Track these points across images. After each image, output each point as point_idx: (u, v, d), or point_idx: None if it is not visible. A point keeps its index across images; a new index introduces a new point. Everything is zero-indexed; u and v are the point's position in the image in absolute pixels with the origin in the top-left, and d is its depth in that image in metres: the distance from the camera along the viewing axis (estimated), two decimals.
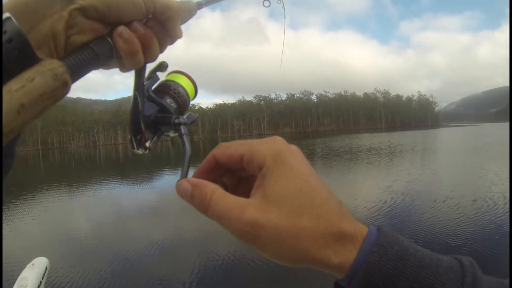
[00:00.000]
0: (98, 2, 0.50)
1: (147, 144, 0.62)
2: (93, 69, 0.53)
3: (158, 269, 7.17)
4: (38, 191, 19.82)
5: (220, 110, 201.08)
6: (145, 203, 14.28)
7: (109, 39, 0.53)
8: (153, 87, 0.63)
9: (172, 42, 0.62)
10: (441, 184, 14.82)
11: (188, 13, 0.65)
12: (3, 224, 11.68)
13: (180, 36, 0.62)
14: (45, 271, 2.38)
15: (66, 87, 0.46)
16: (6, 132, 0.39)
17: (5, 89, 0.40)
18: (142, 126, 0.60)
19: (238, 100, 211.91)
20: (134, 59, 0.55)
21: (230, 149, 0.50)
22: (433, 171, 19.25)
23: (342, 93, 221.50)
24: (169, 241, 9.01)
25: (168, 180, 22.86)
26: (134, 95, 0.60)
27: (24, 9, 0.46)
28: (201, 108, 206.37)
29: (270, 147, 0.48)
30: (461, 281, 0.44)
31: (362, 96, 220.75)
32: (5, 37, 0.41)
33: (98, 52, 0.52)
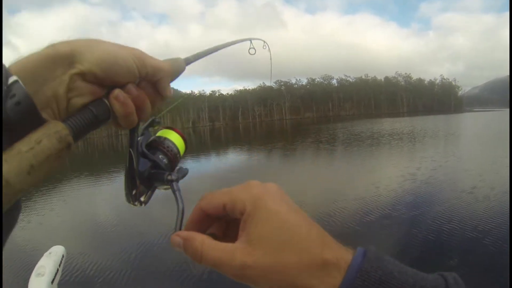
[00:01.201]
0: (96, 67, 0.54)
1: (142, 198, 0.65)
2: (93, 129, 0.56)
3: (176, 256, 7.06)
4: (58, 182, 20.23)
5: (240, 96, 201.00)
6: (164, 192, 14.41)
7: (106, 101, 0.57)
8: (146, 143, 0.67)
9: (162, 100, 0.66)
10: (468, 173, 14.42)
11: (178, 71, 0.70)
12: (22, 215, 12.17)
13: (170, 95, 0.66)
14: (61, 259, 2.48)
15: (69, 148, 0.49)
16: (16, 191, 0.42)
17: (15, 150, 0.43)
18: (137, 182, 0.63)
19: (259, 86, 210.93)
20: (129, 119, 0.59)
21: (214, 199, 0.55)
22: (458, 158, 19.00)
23: (363, 77, 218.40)
24: None
25: (196, 165, 23.54)
26: (129, 152, 0.63)
27: (29, 73, 0.49)
28: (222, 94, 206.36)
29: (248, 193, 0.52)
30: None
31: (383, 80, 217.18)
32: (13, 100, 0.44)
33: (97, 114, 0.55)
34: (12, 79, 0.45)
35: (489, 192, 11.05)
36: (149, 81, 0.62)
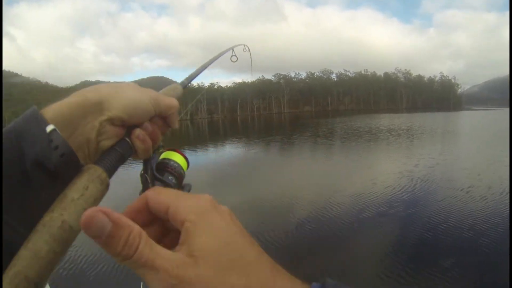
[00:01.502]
0: (122, 112, 0.62)
1: None
2: (120, 165, 0.64)
3: None
4: None
5: (239, 89, 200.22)
6: None
7: (128, 140, 0.65)
8: (155, 165, 0.75)
9: (173, 127, 0.77)
10: (465, 172, 14.42)
11: (177, 96, 0.84)
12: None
13: (177, 127, 0.76)
14: None
15: (107, 188, 0.57)
16: (77, 233, 0.48)
17: (68, 198, 0.49)
18: None
19: (258, 79, 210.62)
20: (147, 153, 0.69)
21: (161, 195, 0.48)
22: (456, 156, 19.05)
23: (363, 72, 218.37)
24: None
25: (192, 158, 23.30)
26: (144, 177, 0.72)
27: (63, 120, 0.55)
28: (220, 87, 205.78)
29: (196, 203, 0.47)
30: None
31: (382, 75, 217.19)
32: (54, 147, 0.51)
33: (123, 153, 0.64)
34: (50, 127, 0.51)
35: (487, 192, 11.04)
36: (160, 117, 0.72)
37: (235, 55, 1.47)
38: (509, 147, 15.81)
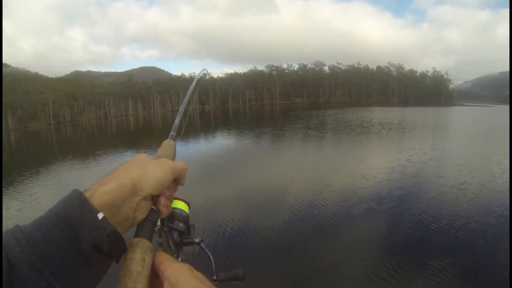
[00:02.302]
0: (153, 189, 0.74)
1: (179, 258, 0.86)
2: (154, 229, 0.77)
3: None
4: (52, 164, 19.92)
5: (231, 80, 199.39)
6: None
7: (155, 207, 0.77)
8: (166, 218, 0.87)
9: (181, 185, 0.88)
10: (457, 168, 14.35)
11: (174, 150, 0.98)
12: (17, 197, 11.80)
13: (184, 185, 0.87)
14: None
15: (150, 250, 0.70)
16: None
17: (135, 272, 0.64)
18: (176, 250, 0.88)
19: (250, 70, 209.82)
20: (168, 213, 0.80)
21: (160, 257, 0.72)
22: (448, 152, 19.07)
23: (355, 65, 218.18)
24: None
25: (181, 149, 22.88)
26: (164, 231, 0.85)
27: (108, 208, 0.65)
28: (212, 77, 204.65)
29: (179, 269, 0.67)
30: None
31: (375, 69, 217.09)
32: (105, 232, 0.61)
33: (154, 220, 0.76)
34: (101, 215, 0.62)
35: (480, 189, 11.00)
36: (174, 180, 0.83)
37: (207, 73, 1.43)
38: (509, 146, 15.66)
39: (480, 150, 18.57)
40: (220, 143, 26.93)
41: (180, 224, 0.91)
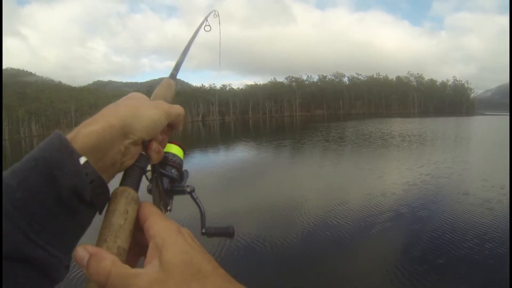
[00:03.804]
0: (144, 133, 0.66)
1: (169, 207, 0.79)
2: (142, 176, 0.70)
3: None
4: None
5: (251, 91, 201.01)
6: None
7: (144, 153, 0.70)
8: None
9: (177, 131, 0.82)
10: (484, 184, 13.24)
11: (173, 92, 0.90)
12: None
13: (181, 130, 0.82)
14: None
15: (136, 201, 0.62)
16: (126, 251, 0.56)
17: (116, 225, 0.56)
18: (166, 198, 0.78)
19: (270, 81, 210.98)
20: (159, 159, 0.74)
21: (144, 209, 0.63)
22: (471, 165, 18.23)
23: (375, 76, 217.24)
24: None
25: (198, 159, 23.99)
26: (155, 177, 0.76)
27: (92, 150, 0.58)
28: (232, 89, 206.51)
29: (166, 225, 0.59)
30: None
31: (394, 79, 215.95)
32: (88, 178, 0.55)
33: (143, 167, 0.69)
34: (83, 160, 0.55)
35: (502, 206, 10.38)
36: (169, 125, 0.76)
37: (209, 25, 1.46)
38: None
39: (508, 163, 17.51)
40: (237, 155, 26.99)
41: (173, 171, 0.82)
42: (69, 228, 0.53)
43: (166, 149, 0.81)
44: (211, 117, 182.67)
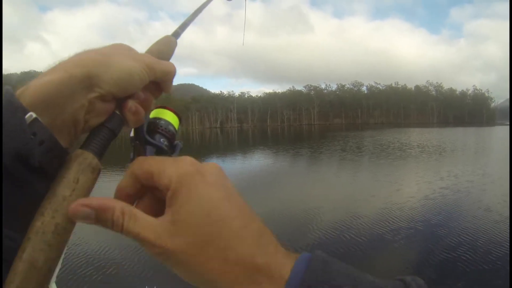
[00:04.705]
0: (114, 87, 0.53)
1: None
2: (111, 143, 0.57)
3: None
4: None
5: (270, 99, 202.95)
6: None
7: (118, 113, 0.57)
8: (145, 129, 0.66)
9: (167, 93, 0.68)
10: (504, 198, 12.00)
11: (172, 50, 0.74)
12: None
13: (170, 92, 0.67)
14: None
15: (100, 172, 0.51)
16: (70, 232, 0.45)
17: (59, 196, 0.44)
18: None
19: (288, 90, 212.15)
20: (139, 122, 0.59)
21: (144, 164, 0.50)
22: (492, 178, 17.05)
23: (393, 85, 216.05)
24: None
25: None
26: (136, 144, 0.64)
27: (44, 105, 0.47)
28: (251, 96, 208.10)
29: (178, 168, 0.48)
30: None
31: (413, 88, 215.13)
32: (36, 139, 0.44)
33: (113, 129, 0.56)
34: (30, 116, 0.44)
35: None
36: (154, 82, 0.62)
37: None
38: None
39: None
40: (253, 163, 27.11)
41: (162, 140, 0.67)
42: (15, 199, 0.43)
43: (157, 115, 0.70)
44: (229, 124, 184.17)
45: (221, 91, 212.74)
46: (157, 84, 0.63)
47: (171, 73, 0.63)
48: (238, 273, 0.43)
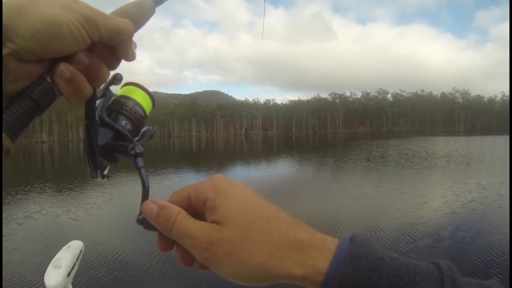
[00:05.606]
0: (32, 43, 0.42)
1: (105, 172, 0.58)
2: (35, 117, 0.45)
3: None
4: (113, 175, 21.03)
5: (295, 107, 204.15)
6: None
7: (49, 79, 0.46)
8: (106, 107, 0.57)
9: (127, 60, 0.55)
10: None
11: (144, 17, 0.57)
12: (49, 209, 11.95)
13: (133, 59, 0.54)
14: (79, 253, 2.51)
15: (9, 154, 0.41)
16: None
17: None
18: (98, 157, 0.56)
19: (313, 97, 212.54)
20: (80, 95, 0.49)
21: (181, 192, 0.54)
22: None
23: (419, 92, 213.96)
24: None
25: (238, 173, 23.90)
26: (86, 125, 0.55)
27: None
28: (276, 104, 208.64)
29: (210, 182, 0.52)
30: (441, 286, 0.44)
31: (439, 96, 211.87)
32: None
33: (38, 99, 0.44)
34: None
35: None
36: (105, 44, 0.50)
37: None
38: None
39: None
40: (276, 171, 27.14)
41: (124, 122, 0.57)
42: None
43: (125, 93, 0.59)
44: (254, 131, 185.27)
45: (246, 98, 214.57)
46: (110, 48, 0.51)
47: (125, 33, 0.51)
48: (285, 249, 0.46)
